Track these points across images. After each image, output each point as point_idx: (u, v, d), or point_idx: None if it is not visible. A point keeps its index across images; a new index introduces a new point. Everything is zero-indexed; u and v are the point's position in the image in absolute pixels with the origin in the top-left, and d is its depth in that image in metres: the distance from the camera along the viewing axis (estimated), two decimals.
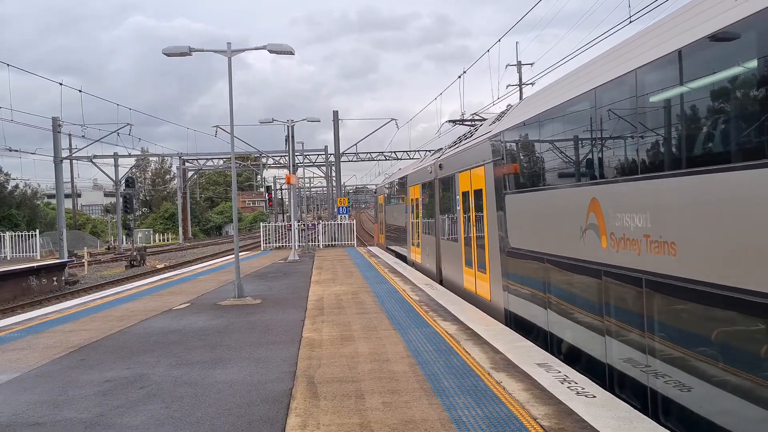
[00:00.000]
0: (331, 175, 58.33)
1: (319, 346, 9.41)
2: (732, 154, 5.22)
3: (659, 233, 6.18)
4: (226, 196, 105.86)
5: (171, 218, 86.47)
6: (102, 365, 8.79)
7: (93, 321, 12.69)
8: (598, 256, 7.59)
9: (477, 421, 5.83)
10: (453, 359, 8.26)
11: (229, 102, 15.64)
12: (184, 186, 72.26)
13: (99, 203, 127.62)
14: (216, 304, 14.40)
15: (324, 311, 12.81)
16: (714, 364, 5.46)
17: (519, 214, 11.04)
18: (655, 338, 6.33)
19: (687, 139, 5.93)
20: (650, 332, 6.41)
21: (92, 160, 54.55)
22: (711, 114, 5.58)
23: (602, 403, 6.17)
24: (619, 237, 7.04)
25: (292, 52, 16.15)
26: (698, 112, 5.77)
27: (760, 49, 4.85)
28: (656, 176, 6.29)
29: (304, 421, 6.04)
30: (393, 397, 6.69)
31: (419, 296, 14.38)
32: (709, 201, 5.43)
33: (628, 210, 6.83)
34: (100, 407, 6.82)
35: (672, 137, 6.14)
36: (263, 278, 20.22)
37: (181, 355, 9.25)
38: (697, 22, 5.65)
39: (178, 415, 6.42)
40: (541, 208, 9.83)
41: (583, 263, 8.04)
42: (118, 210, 57.03)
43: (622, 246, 6.99)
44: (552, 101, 9.31)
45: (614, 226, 7.16)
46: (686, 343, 5.86)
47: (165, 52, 15.38)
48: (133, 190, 44.65)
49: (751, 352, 5.00)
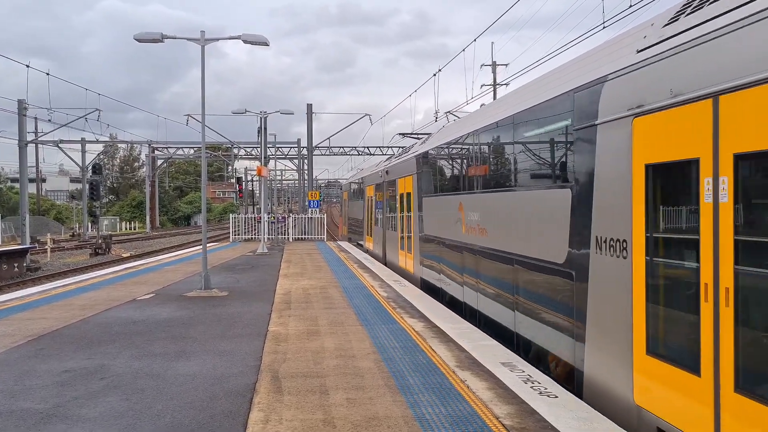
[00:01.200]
0: (303, 168, 58.07)
1: (285, 341, 9.35)
2: (503, 184, 10.50)
3: (483, 224, 11.19)
4: (196, 186, 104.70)
5: (138, 206, 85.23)
6: (61, 355, 8.61)
7: (53, 309, 12.43)
8: (461, 238, 12.56)
9: (440, 419, 5.84)
10: (419, 356, 8.27)
11: (201, 91, 15.43)
12: (152, 174, 71.19)
13: (65, 189, 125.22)
14: (181, 296, 14.23)
15: (291, 305, 12.73)
16: (497, 289, 10.58)
17: (428, 211, 15.92)
18: (480, 281, 11.58)
19: (494, 173, 11.10)
20: (478, 278, 11.70)
21: (58, 145, 53.46)
22: (500, 160, 10.95)
23: (564, 403, 6.24)
24: (468, 226, 12.07)
25: (266, 43, 15.99)
26: (502, 158, 10.78)
27: (504, 137, 10.54)
28: (484, 192, 11.30)
29: (267, 416, 6.00)
30: (357, 394, 6.68)
31: (387, 292, 14.39)
32: (496, 208, 10.67)
33: (473, 210, 11.78)
34: (58, 398, 6.68)
35: (490, 171, 11.28)
36: (231, 270, 20.03)
37: (144, 346, 9.11)
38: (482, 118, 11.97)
39: (139, 408, 6.32)
40: (439, 207, 14.77)
41: (456, 242, 12.98)
42: (84, 196, 56.02)
43: (470, 231, 11.99)
44: (439, 140, 15.22)
45: (468, 220, 12.09)
46: (487, 280, 11.12)
47: (137, 37, 15.11)
48: (100, 177, 43.76)
49: (517, 285, 9.54)
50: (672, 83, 5.63)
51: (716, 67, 5.03)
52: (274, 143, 54.13)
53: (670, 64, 5.69)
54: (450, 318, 11.03)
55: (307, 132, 47.63)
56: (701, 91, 5.18)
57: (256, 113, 31.75)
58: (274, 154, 58.73)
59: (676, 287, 5.69)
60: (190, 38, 15.41)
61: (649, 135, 5.96)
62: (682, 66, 5.52)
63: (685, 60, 5.47)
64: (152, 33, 15.02)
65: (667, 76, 5.73)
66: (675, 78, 5.60)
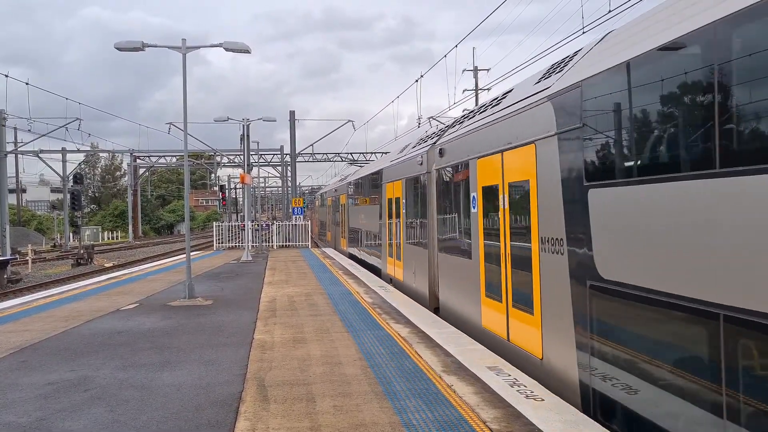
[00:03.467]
0: (286, 175, 57.91)
1: (271, 349, 9.31)
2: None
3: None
4: (179, 195, 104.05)
5: (121, 216, 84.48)
6: (44, 367, 8.51)
7: (36, 321, 12.28)
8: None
9: (427, 425, 5.85)
10: (405, 362, 8.28)
11: (183, 99, 15.37)
12: (135, 183, 70.72)
13: (45, 199, 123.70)
14: (166, 305, 14.12)
15: (276, 313, 12.69)
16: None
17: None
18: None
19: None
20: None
21: (39, 155, 52.96)
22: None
23: (550, 406, 6.27)
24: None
25: (248, 51, 15.97)
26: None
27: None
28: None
29: (253, 425, 5.97)
30: (344, 401, 6.66)
31: (373, 298, 14.38)
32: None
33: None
34: (41, 411, 6.60)
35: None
36: (215, 279, 19.91)
37: (128, 357, 9.03)
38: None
39: (123, 419, 6.26)
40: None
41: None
42: (65, 207, 55.44)
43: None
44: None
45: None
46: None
47: (117, 46, 15.02)
48: (81, 187, 43.39)
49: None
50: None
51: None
52: (257, 150, 53.96)
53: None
54: (436, 323, 11.05)
55: (290, 139, 47.53)
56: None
57: (239, 121, 31.67)
58: (258, 161, 58.56)
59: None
60: (171, 46, 15.36)
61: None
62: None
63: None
64: (133, 42, 14.94)
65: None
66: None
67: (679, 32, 5.13)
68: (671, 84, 5.27)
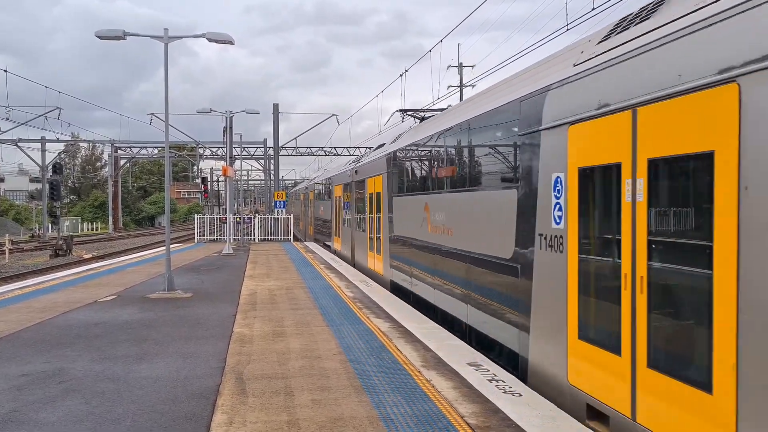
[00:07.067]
0: (269, 168, 57.66)
1: (250, 342, 9.26)
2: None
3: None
4: (160, 186, 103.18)
5: (101, 207, 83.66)
6: (18, 358, 8.39)
7: (11, 312, 12.11)
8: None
9: (405, 419, 5.85)
10: (384, 357, 8.27)
11: (164, 89, 15.20)
12: (115, 174, 69.91)
13: (24, 189, 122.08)
14: (144, 297, 13.99)
15: (256, 306, 12.62)
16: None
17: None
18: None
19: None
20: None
21: (17, 143, 52.18)
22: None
23: (528, 401, 6.30)
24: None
25: (231, 42, 15.83)
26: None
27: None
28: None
29: (231, 418, 5.93)
30: (323, 395, 6.64)
31: (354, 293, 14.36)
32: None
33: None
34: (15, 402, 6.51)
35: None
36: (195, 271, 19.77)
37: (105, 349, 8.93)
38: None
39: (99, 412, 6.19)
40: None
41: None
42: (44, 197, 54.74)
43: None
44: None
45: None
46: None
47: (98, 34, 14.81)
48: (60, 177, 42.76)
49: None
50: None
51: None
52: (239, 143, 53.68)
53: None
54: (416, 318, 11.06)
55: (273, 132, 47.28)
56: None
57: (222, 112, 31.44)
58: (240, 154, 58.26)
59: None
60: (153, 36, 15.18)
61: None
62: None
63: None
64: (114, 30, 14.73)
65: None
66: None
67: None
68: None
